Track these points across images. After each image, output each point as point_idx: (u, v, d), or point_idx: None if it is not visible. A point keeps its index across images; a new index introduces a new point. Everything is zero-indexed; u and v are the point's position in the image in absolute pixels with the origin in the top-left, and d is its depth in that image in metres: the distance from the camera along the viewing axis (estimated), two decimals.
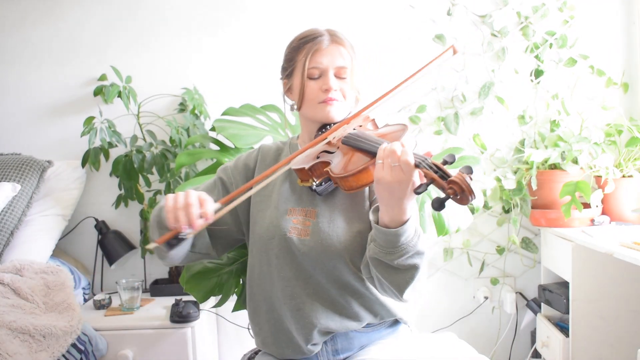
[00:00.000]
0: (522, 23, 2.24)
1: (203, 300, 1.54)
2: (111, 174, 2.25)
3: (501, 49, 2.24)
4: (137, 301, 1.98)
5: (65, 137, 2.30)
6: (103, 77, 2.25)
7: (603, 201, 2.06)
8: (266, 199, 1.27)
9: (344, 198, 1.21)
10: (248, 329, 1.74)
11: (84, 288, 2.16)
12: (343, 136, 1.18)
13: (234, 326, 2.18)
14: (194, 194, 1.05)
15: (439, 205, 0.92)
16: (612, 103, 2.20)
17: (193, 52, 2.30)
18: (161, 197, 2.18)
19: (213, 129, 1.98)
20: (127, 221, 2.28)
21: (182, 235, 1.04)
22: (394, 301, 1.23)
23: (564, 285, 2.01)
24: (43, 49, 2.31)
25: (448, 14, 2.25)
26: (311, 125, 1.28)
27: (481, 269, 2.31)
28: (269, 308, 1.23)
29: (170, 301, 2.00)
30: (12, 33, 2.31)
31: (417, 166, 0.96)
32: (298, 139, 1.36)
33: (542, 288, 2.12)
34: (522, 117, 2.25)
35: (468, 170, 0.91)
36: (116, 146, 2.17)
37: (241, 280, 1.59)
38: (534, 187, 2.06)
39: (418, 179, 0.98)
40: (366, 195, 1.21)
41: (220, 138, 1.92)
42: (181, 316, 1.84)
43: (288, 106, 1.33)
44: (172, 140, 2.13)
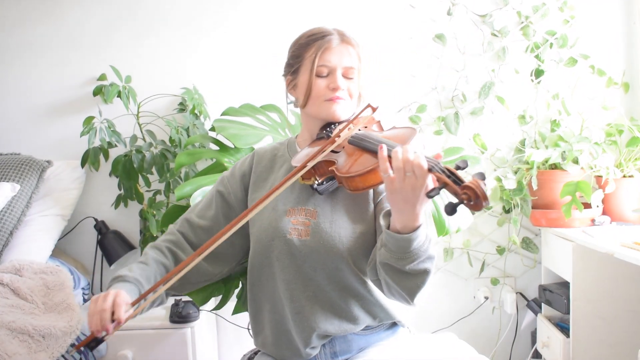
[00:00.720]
0: (523, 23, 2.24)
1: (202, 303, 1.54)
2: (111, 174, 2.25)
3: (501, 49, 2.24)
4: None
5: (64, 137, 2.30)
6: (102, 77, 2.25)
7: (604, 201, 2.05)
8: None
9: (346, 198, 1.20)
10: (248, 329, 1.74)
11: (84, 288, 2.16)
12: (349, 136, 1.17)
13: (234, 326, 2.18)
14: (110, 299, 1.07)
15: (452, 209, 0.91)
16: (613, 103, 2.19)
17: (193, 52, 2.30)
18: (161, 197, 2.18)
19: (213, 129, 1.98)
20: (127, 221, 2.28)
21: (100, 338, 1.07)
22: (394, 304, 1.22)
23: (565, 285, 2.01)
24: (43, 49, 2.31)
25: (448, 14, 2.25)
26: (314, 123, 1.27)
27: (481, 269, 2.31)
28: (272, 309, 1.23)
29: (170, 301, 2.00)
30: (12, 33, 2.31)
31: (430, 170, 0.95)
32: (297, 138, 1.35)
33: (543, 288, 2.12)
34: (523, 117, 2.25)
35: (481, 176, 0.91)
36: (116, 146, 2.17)
37: (240, 282, 1.58)
38: (535, 187, 2.06)
39: (431, 183, 0.97)
40: (370, 196, 1.20)
41: (220, 138, 1.92)
42: (181, 316, 1.84)
43: (285, 102, 1.33)
44: (172, 140, 2.12)
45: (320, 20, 2.25)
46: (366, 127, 1.23)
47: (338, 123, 1.24)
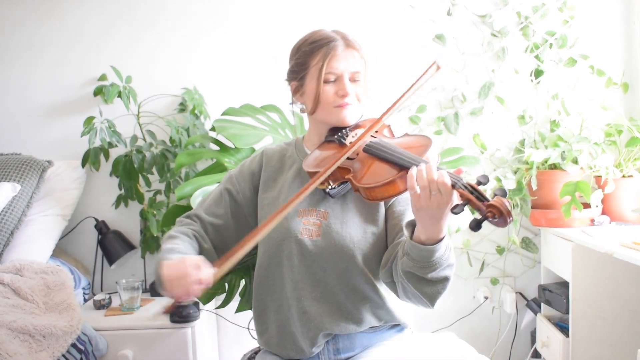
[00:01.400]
0: (522, 23, 2.24)
1: (207, 301, 1.54)
2: (111, 174, 2.25)
3: (501, 49, 2.24)
4: (137, 301, 1.98)
5: (65, 137, 2.30)
6: (103, 77, 2.25)
7: (603, 201, 2.05)
8: (274, 201, 1.27)
9: (357, 200, 1.22)
10: (248, 329, 1.74)
11: (84, 288, 2.16)
12: (364, 144, 1.18)
13: (234, 326, 2.18)
14: (190, 262, 1.06)
15: (477, 225, 0.95)
16: (612, 103, 2.19)
17: (193, 52, 2.30)
18: (161, 197, 2.18)
19: (213, 129, 1.98)
20: (127, 221, 2.28)
21: (184, 303, 1.06)
22: (399, 307, 1.25)
23: (564, 285, 2.01)
24: (43, 49, 2.31)
25: (448, 14, 2.25)
26: (322, 127, 1.29)
27: (481, 269, 2.31)
28: (277, 309, 1.24)
29: (170, 301, 2.00)
30: (13, 33, 2.31)
31: (453, 186, 0.98)
32: (304, 139, 1.36)
33: (542, 288, 2.12)
34: (522, 117, 2.25)
35: (503, 192, 0.95)
36: (116, 146, 2.17)
37: (243, 280, 1.59)
38: (534, 187, 2.06)
39: (456, 199, 1.00)
40: None
41: (220, 138, 1.92)
42: (181, 316, 1.84)
43: (290, 107, 1.34)
44: (172, 140, 2.13)
45: (320, 20, 2.26)
46: (377, 132, 1.24)
47: (347, 127, 1.26)
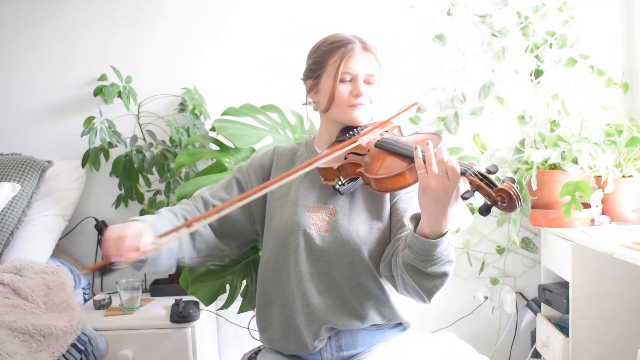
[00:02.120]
0: (522, 23, 2.24)
1: (209, 302, 1.54)
2: (111, 174, 2.25)
3: (501, 49, 2.24)
4: (137, 301, 1.98)
5: (65, 137, 2.30)
6: (103, 77, 2.25)
7: (603, 201, 2.06)
8: (284, 196, 1.30)
9: (364, 197, 1.25)
10: (248, 329, 1.74)
11: (84, 288, 2.16)
12: (376, 140, 1.22)
13: (234, 326, 2.18)
14: (134, 227, 1.08)
15: (486, 210, 0.97)
16: (612, 103, 2.19)
17: (193, 52, 2.30)
18: (161, 197, 2.18)
19: (213, 129, 1.98)
20: (127, 221, 2.28)
21: (114, 266, 1.07)
22: (402, 305, 1.26)
23: (564, 285, 2.01)
24: (43, 49, 2.31)
25: (448, 14, 2.25)
26: (334, 126, 1.32)
27: (481, 269, 2.31)
28: (282, 303, 1.26)
29: (170, 301, 2.00)
30: (13, 33, 2.31)
31: (463, 174, 1.00)
32: (315, 139, 1.39)
33: (542, 288, 2.12)
34: (522, 117, 2.26)
35: (512, 180, 0.97)
36: (116, 146, 2.17)
37: (245, 281, 1.59)
38: (534, 187, 2.06)
39: (462, 186, 1.01)
40: (387, 195, 1.26)
41: (220, 138, 1.92)
42: (181, 316, 1.84)
43: (302, 105, 1.38)
44: (172, 140, 2.13)
45: (320, 20, 2.26)
46: (387, 132, 1.27)
47: (358, 127, 1.29)
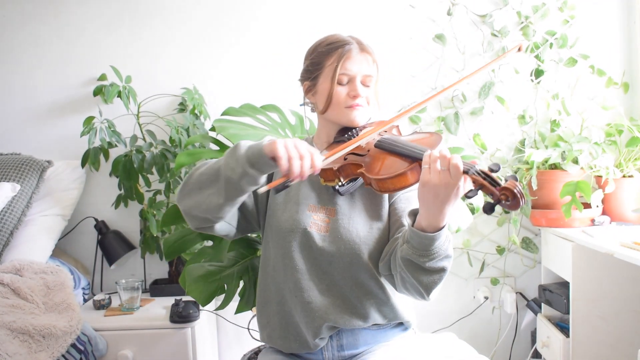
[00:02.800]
0: (522, 23, 2.24)
1: (205, 303, 1.54)
2: (111, 174, 2.25)
3: (501, 49, 2.24)
4: (137, 301, 1.97)
5: (65, 137, 2.30)
6: (103, 77, 2.25)
7: (603, 201, 2.05)
8: (285, 195, 1.30)
9: (364, 198, 1.26)
10: (248, 329, 1.73)
11: (84, 288, 2.16)
12: (376, 140, 1.22)
13: (234, 326, 2.18)
14: (306, 146, 1.06)
15: (490, 209, 0.97)
16: (613, 103, 2.19)
17: (193, 52, 2.30)
18: (161, 197, 2.18)
19: (213, 129, 1.97)
20: (127, 221, 2.28)
21: (288, 182, 1.06)
22: (403, 304, 1.26)
23: (564, 285, 2.01)
24: (43, 49, 2.31)
25: (448, 14, 2.25)
26: (332, 127, 1.33)
27: (481, 269, 2.31)
28: (281, 300, 1.26)
29: (170, 301, 2.00)
30: (13, 33, 2.31)
31: (466, 172, 1.00)
32: (314, 139, 1.39)
33: (543, 288, 2.12)
34: (522, 117, 2.25)
35: (514, 178, 0.97)
36: (116, 146, 2.17)
37: (242, 281, 1.59)
38: (534, 187, 2.06)
39: (463, 185, 1.02)
40: (386, 196, 1.26)
41: (220, 138, 1.91)
42: (181, 316, 1.84)
43: (301, 107, 1.38)
44: (172, 140, 2.12)
45: (320, 20, 2.26)
46: (386, 132, 1.28)
47: (355, 128, 1.30)
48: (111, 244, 2.20)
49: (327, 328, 1.22)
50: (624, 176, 2.06)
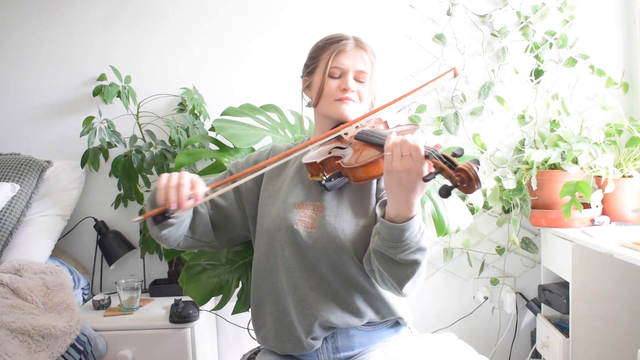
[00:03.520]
0: (522, 23, 2.24)
1: (202, 302, 1.54)
2: (110, 174, 2.25)
3: (501, 49, 2.24)
4: (137, 301, 1.97)
5: (64, 137, 2.30)
6: (102, 77, 2.25)
7: (603, 201, 2.05)
8: (275, 194, 1.30)
9: (351, 194, 1.25)
10: (248, 330, 1.73)
11: (83, 288, 2.16)
12: (356, 133, 1.22)
13: (234, 326, 2.18)
14: (187, 175, 1.09)
15: (446, 192, 0.94)
16: (612, 103, 2.19)
17: (192, 52, 2.30)
18: None
19: (212, 129, 1.98)
20: (127, 221, 2.28)
21: (169, 213, 1.07)
22: (396, 300, 1.25)
23: (564, 285, 2.01)
24: (42, 49, 2.31)
25: (448, 14, 2.25)
26: (326, 122, 1.32)
27: (481, 269, 2.31)
28: (274, 300, 1.25)
29: (169, 301, 2.00)
30: (12, 33, 2.31)
31: (427, 157, 0.99)
32: (311, 139, 1.37)
33: (542, 288, 2.12)
34: (522, 117, 2.25)
35: (475, 162, 0.94)
36: (115, 146, 2.17)
37: (240, 282, 1.58)
38: (534, 187, 2.06)
39: (427, 170, 1.00)
40: (373, 191, 1.25)
41: (219, 138, 1.92)
42: (181, 316, 1.84)
43: (300, 104, 1.38)
44: (172, 140, 2.12)
45: (320, 20, 2.26)
46: (373, 127, 1.27)
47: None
48: (111, 244, 2.20)
49: (320, 327, 1.21)
50: (624, 176, 2.06)
